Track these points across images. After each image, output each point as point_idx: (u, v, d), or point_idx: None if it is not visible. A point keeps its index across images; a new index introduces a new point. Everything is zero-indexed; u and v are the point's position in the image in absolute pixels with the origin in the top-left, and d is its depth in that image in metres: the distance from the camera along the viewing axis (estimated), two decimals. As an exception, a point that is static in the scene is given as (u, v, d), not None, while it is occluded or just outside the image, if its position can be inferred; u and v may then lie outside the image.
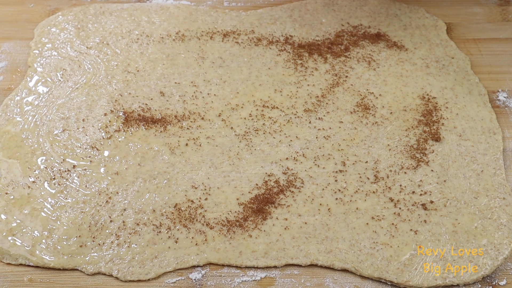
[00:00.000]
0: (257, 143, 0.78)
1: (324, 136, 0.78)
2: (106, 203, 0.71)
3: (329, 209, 0.71)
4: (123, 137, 0.78)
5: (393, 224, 0.69)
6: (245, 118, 0.81)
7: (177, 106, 0.82)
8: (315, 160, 0.76)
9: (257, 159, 0.76)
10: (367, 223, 0.69)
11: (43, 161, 0.75)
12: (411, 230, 0.69)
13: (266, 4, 1.01)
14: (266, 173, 0.74)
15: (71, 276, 0.66)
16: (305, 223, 0.69)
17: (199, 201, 0.71)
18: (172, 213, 0.70)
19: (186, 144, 0.77)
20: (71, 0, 1.02)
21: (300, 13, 0.98)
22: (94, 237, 0.68)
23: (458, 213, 0.70)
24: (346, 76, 0.87)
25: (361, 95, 0.84)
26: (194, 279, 0.66)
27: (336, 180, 0.74)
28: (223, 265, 0.67)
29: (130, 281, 0.66)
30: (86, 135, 0.78)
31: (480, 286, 0.65)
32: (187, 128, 0.79)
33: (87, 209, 0.70)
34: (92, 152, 0.76)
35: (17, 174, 0.74)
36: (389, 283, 0.66)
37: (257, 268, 0.67)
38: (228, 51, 0.91)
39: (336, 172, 0.74)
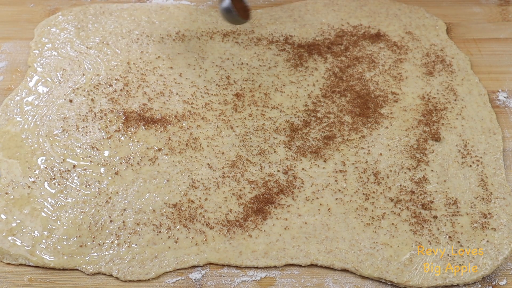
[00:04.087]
0: (257, 143, 0.78)
1: (324, 136, 0.78)
2: (106, 203, 0.71)
3: (329, 209, 0.71)
4: (123, 137, 0.78)
5: (393, 224, 0.69)
6: (245, 118, 0.81)
7: (177, 106, 0.82)
8: (315, 160, 0.76)
9: (257, 159, 0.76)
10: (367, 223, 0.69)
11: (43, 161, 0.75)
12: (411, 230, 0.69)
13: (266, 4, 1.01)
14: (266, 173, 0.74)
15: (71, 276, 0.66)
16: (305, 223, 0.69)
17: (199, 201, 0.71)
18: (172, 213, 0.70)
19: (186, 144, 0.77)
20: (71, 0, 1.02)
21: (300, 13, 0.98)
22: (94, 237, 0.68)
23: (458, 213, 0.70)
24: (346, 76, 0.87)
25: (361, 95, 0.84)
26: (194, 279, 0.66)
27: (336, 180, 0.74)
28: (223, 265, 0.67)
29: (130, 281, 0.66)
30: (86, 135, 0.78)
31: (480, 286, 0.65)
32: (187, 128, 0.79)
33: (87, 209, 0.70)
34: (92, 152, 0.76)
35: (17, 174, 0.74)
36: (389, 283, 0.66)
37: (257, 268, 0.67)
38: (228, 51, 0.91)
39: (336, 172, 0.74)
